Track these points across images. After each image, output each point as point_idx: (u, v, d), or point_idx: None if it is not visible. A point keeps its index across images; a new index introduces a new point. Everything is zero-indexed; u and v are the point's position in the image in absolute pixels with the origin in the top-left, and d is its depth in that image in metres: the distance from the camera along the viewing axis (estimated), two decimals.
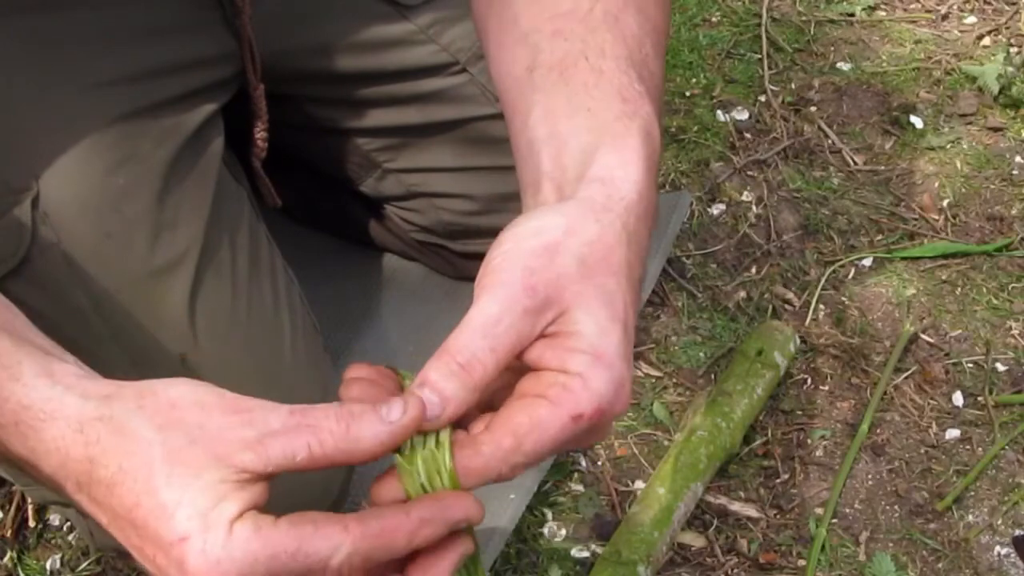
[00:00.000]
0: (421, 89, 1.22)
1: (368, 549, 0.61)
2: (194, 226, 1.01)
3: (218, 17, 1.07)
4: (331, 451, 0.62)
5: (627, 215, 0.73)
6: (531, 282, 0.67)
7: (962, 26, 1.90)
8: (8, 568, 1.25)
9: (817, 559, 1.26)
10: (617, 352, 0.67)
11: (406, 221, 1.35)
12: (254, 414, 0.63)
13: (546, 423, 0.65)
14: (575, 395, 0.65)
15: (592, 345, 0.66)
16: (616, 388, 0.66)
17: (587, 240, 0.70)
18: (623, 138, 0.75)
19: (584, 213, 0.71)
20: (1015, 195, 1.64)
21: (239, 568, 0.60)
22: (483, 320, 0.66)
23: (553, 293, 0.67)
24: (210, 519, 0.60)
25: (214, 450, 0.62)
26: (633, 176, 0.74)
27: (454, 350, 0.66)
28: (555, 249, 0.69)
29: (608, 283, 0.69)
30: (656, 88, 0.82)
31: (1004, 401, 1.41)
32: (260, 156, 1.17)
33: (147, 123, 1.00)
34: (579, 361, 0.66)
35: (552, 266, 0.68)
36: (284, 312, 1.09)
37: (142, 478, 0.62)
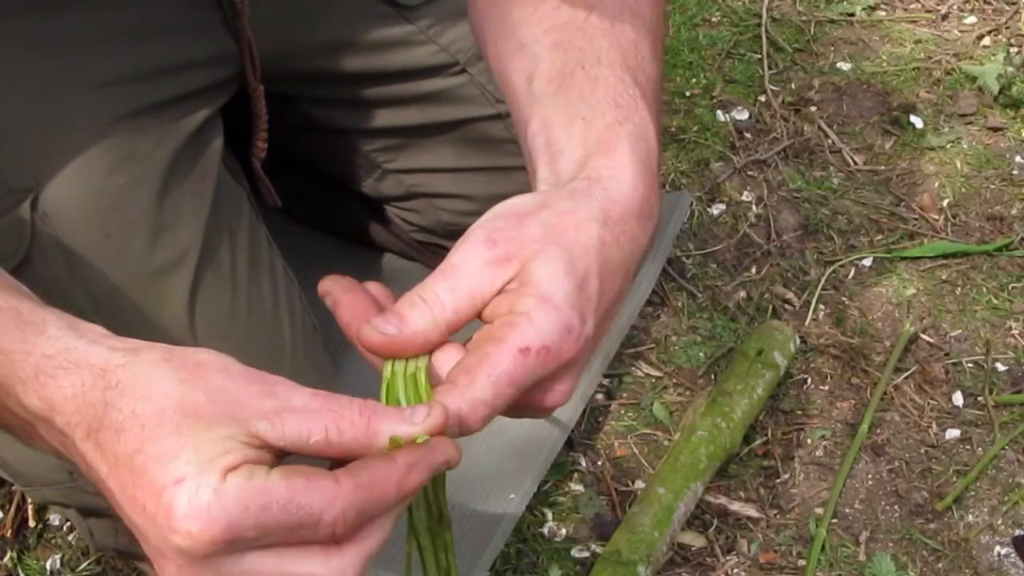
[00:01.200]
0: (421, 90, 1.22)
1: (362, 502, 0.61)
2: (194, 226, 1.01)
3: (218, 18, 1.07)
4: (348, 441, 0.63)
5: (609, 204, 0.74)
6: (492, 236, 0.70)
7: (962, 26, 1.90)
8: (8, 568, 1.25)
9: (817, 559, 1.26)
10: (565, 299, 0.69)
11: (406, 221, 1.35)
12: (277, 387, 0.64)
13: (493, 356, 0.67)
14: (519, 329, 0.67)
15: (540, 290, 0.69)
16: (562, 331, 0.68)
17: (559, 212, 0.72)
18: (612, 145, 0.77)
19: (561, 194, 0.74)
20: (1015, 195, 1.64)
21: (229, 516, 0.59)
22: (444, 267, 0.70)
23: (514, 249, 0.70)
24: (207, 465, 0.60)
25: (231, 411, 0.62)
26: (621, 175, 0.76)
27: (417, 289, 0.69)
28: (524, 216, 0.71)
29: (572, 247, 0.71)
30: (653, 91, 0.83)
31: (1004, 401, 1.41)
32: (260, 156, 1.17)
33: (147, 123, 1.00)
34: (526, 303, 0.68)
35: (517, 227, 0.71)
36: (284, 312, 1.09)
37: (152, 424, 0.61)
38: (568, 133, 0.79)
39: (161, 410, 0.62)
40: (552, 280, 0.69)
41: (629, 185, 0.76)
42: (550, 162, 0.79)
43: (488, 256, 0.70)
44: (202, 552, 0.59)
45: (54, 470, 1.07)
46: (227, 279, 1.03)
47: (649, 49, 0.85)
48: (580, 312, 0.70)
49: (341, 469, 0.62)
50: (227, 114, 1.12)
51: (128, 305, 0.98)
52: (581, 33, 0.83)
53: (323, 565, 0.61)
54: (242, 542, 0.60)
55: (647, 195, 0.77)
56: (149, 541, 0.62)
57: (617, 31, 0.83)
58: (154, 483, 0.60)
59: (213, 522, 0.59)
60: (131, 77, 1.00)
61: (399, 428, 0.63)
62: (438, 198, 1.29)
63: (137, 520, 0.62)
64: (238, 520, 0.59)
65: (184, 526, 0.59)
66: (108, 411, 0.63)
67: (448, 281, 0.69)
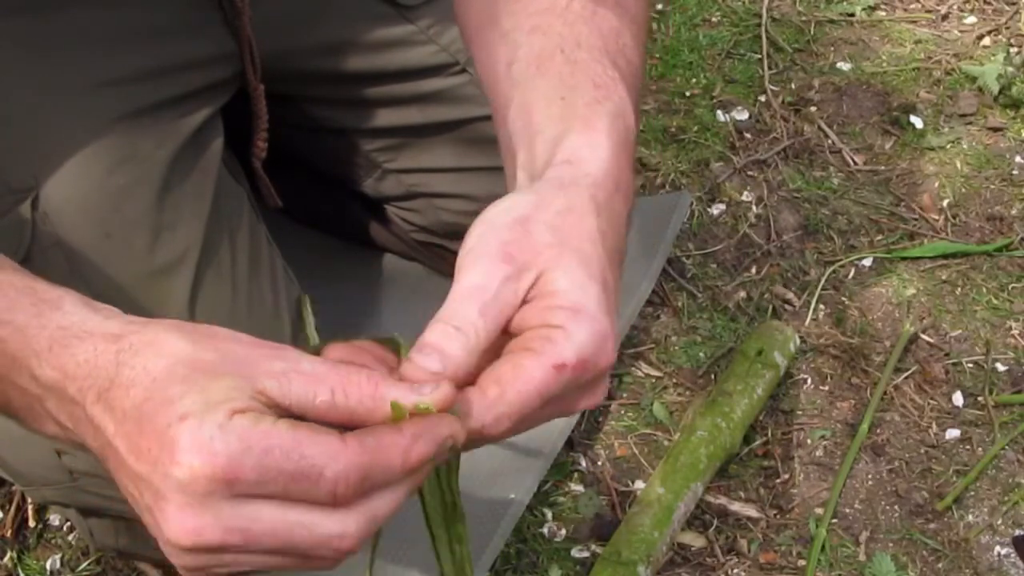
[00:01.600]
0: (421, 89, 1.22)
1: (366, 464, 0.60)
2: (194, 226, 1.01)
3: (218, 18, 1.07)
4: (354, 403, 0.62)
5: (594, 189, 0.74)
6: (508, 251, 0.69)
7: (962, 26, 1.90)
8: (8, 568, 1.25)
9: (817, 559, 1.26)
10: (598, 306, 0.68)
11: (406, 221, 1.35)
12: (287, 352, 0.64)
13: (529, 371, 0.66)
14: (557, 345, 0.66)
15: (571, 301, 0.68)
16: (599, 340, 0.68)
17: (557, 211, 0.72)
18: (590, 121, 0.77)
19: (550, 189, 0.73)
20: (1015, 195, 1.64)
21: (230, 452, 0.59)
22: (468, 290, 0.68)
23: (530, 258, 0.69)
24: (213, 405, 0.60)
25: (239, 368, 0.62)
26: (600, 155, 0.76)
27: (447, 317, 0.67)
28: (527, 221, 0.71)
29: (583, 246, 0.71)
30: (634, 76, 0.84)
31: (1004, 401, 1.41)
32: (260, 156, 1.17)
33: (147, 123, 1.00)
34: (560, 316, 0.67)
35: (526, 236, 0.70)
36: (284, 312, 1.09)
37: (162, 376, 0.62)
38: (547, 114, 0.79)
39: (172, 363, 0.62)
40: (579, 289, 0.69)
41: (608, 163, 0.76)
42: (528, 143, 0.79)
43: (508, 272, 0.69)
44: (202, 488, 0.59)
45: (54, 470, 1.07)
46: (227, 279, 1.03)
47: (631, 37, 0.85)
48: (609, 315, 0.69)
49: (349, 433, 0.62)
50: (227, 114, 1.12)
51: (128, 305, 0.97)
52: (561, 20, 0.83)
53: (326, 518, 0.61)
54: (242, 484, 0.59)
55: (624, 172, 0.77)
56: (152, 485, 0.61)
57: (599, 18, 0.84)
58: (159, 424, 0.60)
59: (214, 456, 0.59)
60: (131, 77, 1.00)
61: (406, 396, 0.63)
62: (438, 198, 1.29)
63: (140, 468, 0.62)
64: (239, 458, 0.59)
65: (185, 459, 0.59)
66: (120, 370, 0.63)
67: (476, 304, 0.67)
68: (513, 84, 0.82)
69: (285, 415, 0.62)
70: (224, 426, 0.59)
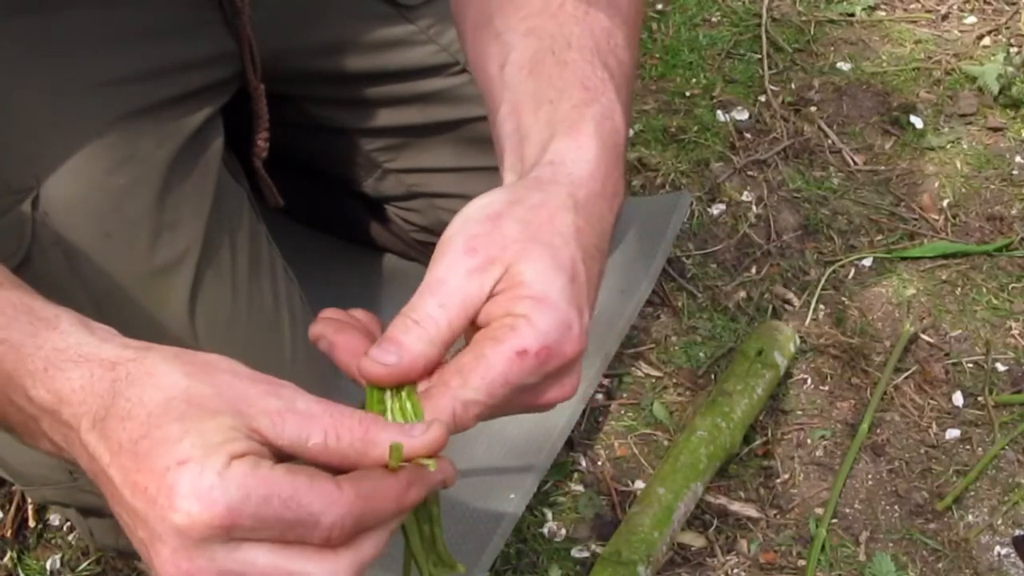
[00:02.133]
0: (421, 89, 1.22)
1: (361, 510, 0.61)
2: (194, 226, 1.01)
3: (218, 18, 1.07)
4: (345, 447, 0.63)
5: (575, 188, 0.75)
6: (472, 244, 0.70)
7: (962, 26, 1.90)
8: (8, 568, 1.25)
9: (817, 559, 1.26)
10: (561, 296, 0.69)
11: (406, 221, 1.35)
12: (283, 390, 0.64)
13: (490, 358, 0.67)
14: (518, 332, 0.68)
15: (536, 291, 0.69)
16: (561, 328, 0.69)
17: (530, 206, 0.72)
18: (577, 125, 0.78)
19: (528, 186, 0.74)
20: (1015, 195, 1.64)
21: (229, 500, 0.59)
22: (430, 283, 0.70)
23: (495, 252, 0.70)
24: (213, 449, 0.60)
25: (235, 405, 0.62)
26: (585, 156, 0.77)
27: (407, 311, 0.69)
28: (498, 217, 0.72)
29: (552, 240, 0.71)
30: (624, 76, 0.84)
31: (1004, 401, 1.41)
32: (261, 156, 1.17)
33: (147, 123, 1.00)
34: (524, 305, 0.69)
35: (495, 230, 0.71)
36: (284, 312, 1.09)
37: (157, 412, 0.62)
38: (535, 118, 0.80)
39: (168, 399, 0.62)
40: (543, 279, 0.70)
41: (592, 164, 0.76)
42: (517, 147, 0.80)
43: (471, 264, 0.70)
44: (199, 534, 0.60)
45: (54, 470, 1.07)
46: (227, 279, 1.03)
47: (623, 37, 0.86)
48: (577, 306, 0.70)
49: (344, 476, 0.62)
50: (227, 114, 1.12)
51: (129, 304, 0.98)
52: (554, 20, 0.84)
53: (317, 565, 0.62)
54: (239, 530, 0.60)
55: (610, 173, 0.78)
56: (148, 524, 0.62)
57: (591, 19, 0.84)
58: (157, 465, 0.61)
59: (213, 504, 0.59)
60: (132, 77, 1.00)
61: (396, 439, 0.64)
62: (438, 198, 1.29)
63: (137, 504, 0.62)
64: (238, 506, 0.59)
65: (184, 506, 0.59)
66: (116, 400, 0.63)
67: (436, 297, 0.69)
68: (504, 86, 0.83)
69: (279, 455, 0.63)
70: (223, 474, 0.60)
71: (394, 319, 0.70)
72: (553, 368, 0.69)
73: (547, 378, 0.70)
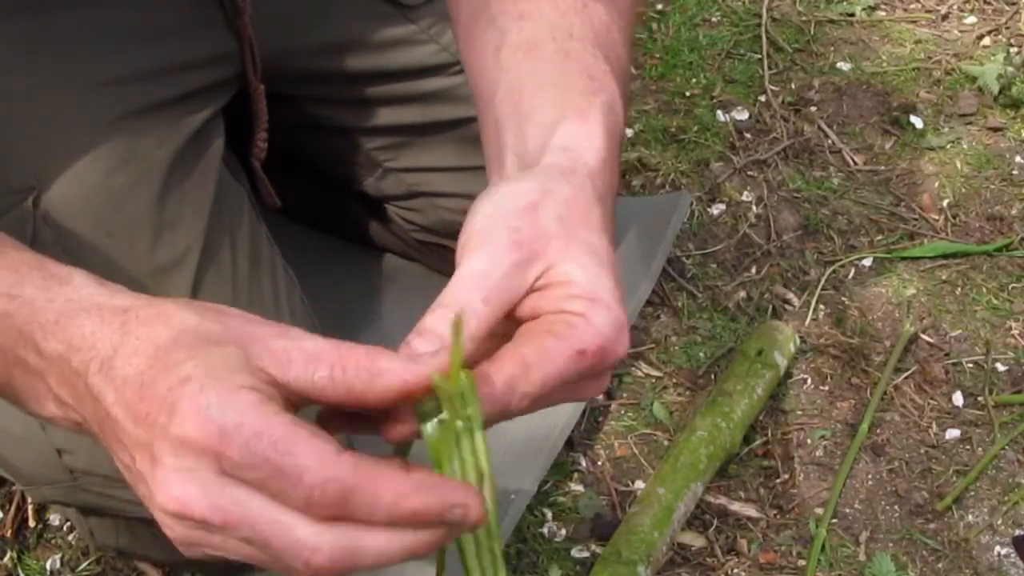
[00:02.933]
0: (422, 88, 1.22)
1: (351, 486, 0.59)
2: (195, 226, 1.01)
3: (219, 17, 1.07)
4: (351, 377, 0.61)
5: (593, 179, 0.75)
6: (516, 238, 0.69)
7: (962, 26, 1.90)
8: (8, 568, 1.25)
9: (817, 559, 1.26)
10: (612, 296, 0.69)
11: (407, 221, 1.35)
12: (291, 331, 0.64)
13: (552, 354, 0.66)
14: (579, 331, 0.67)
15: (587, 290, 0.68)
16: (617, 329, 0.68)
17: (563, 199, 0.71)
18: (586, 111, 0.77)
19: (554, 176, 0.73)
20: (1015, 195, 1.64)
21: (221, 423, 0.58)
22: (473, 275, 0.68)
23: (539, 248, 0.69)
24: (218, 374, 0.60)
25: (243, 342, 0.62)
26: (596, 145, 0.76)
27: (447, 302, 0.67)
28: (535, 209, 0.70)
29: (590, 237, 0.71)
30: (622, 71, 0.84)
31: (1004, 401, 1.41)
32: (260, 157, 1.17)
33: (148, 123, 1.00)
34: (579, 304, 0.68)
35: (535, 224, 0.70)
36: (284, 312, 1.09)
37: (165, 345, 0.62)
38: (538, 98, 0.79)
39: (177, 334, 0.62)
40: (591, 278, 0.69)
41: (602, 155, 0.76)
42: (517, 126, 0.78)
43: (516, 259, 0.68)
44: (192, 454, 0.59)
45: (55, 469, 1.07)
46: (228, 278, 1.04)
47: (619, 32, 0.85)
48: (622, 303, 0.70)
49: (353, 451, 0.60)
50: (227, 114, 1.12)
51: None
52: (554, 7, 0.83)
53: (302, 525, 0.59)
54: (227, 461, 0.59)
55: (615, 168, 0.78)
56: (147, 451, 0.61)
57: (590, 11, 0.84)
58: (160, 389, 0.60)
59: (207, 423, 0.58)
60: (133, 77, 1.00)
61: (401, 365, 0.62)
62: (439, 197, 1.29)
63: (139, 433, 0.61)
64: (230, 433, 0.58)
65: (179, 420, 0.59)
66: (125, 339, 0.63)
67: (480, 291, 0.67)
68: (501, 69, 0.82)
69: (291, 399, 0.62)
70: (223, 396, 0.59)
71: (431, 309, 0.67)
72: (602, 368, 0.69)
73: (591, 376, 0.69)
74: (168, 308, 0.64)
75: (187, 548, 0.63)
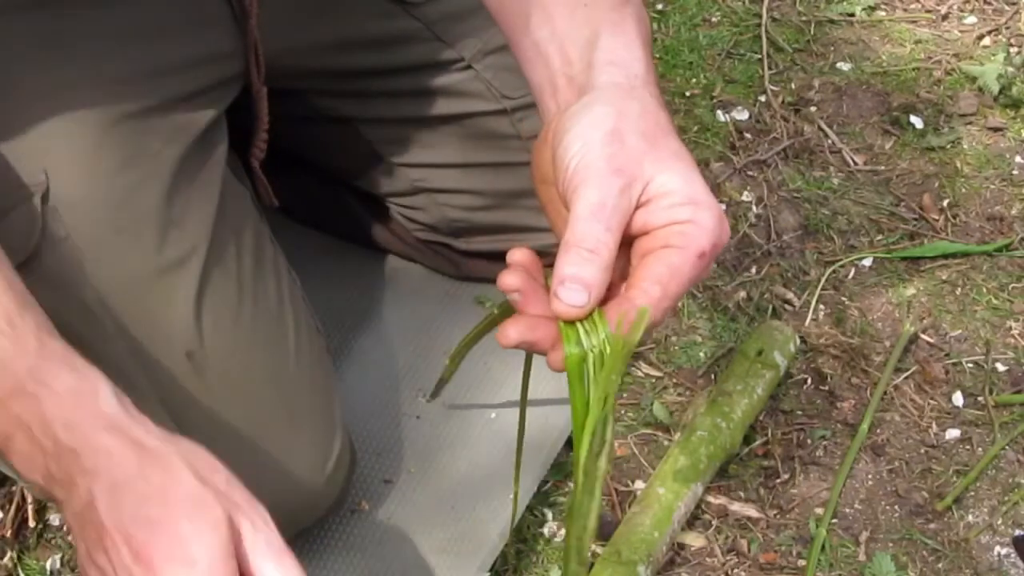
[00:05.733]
0: (426, 84, 1.22)
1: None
2: (202, 224, 1.01)
3: (226, 12, 1.07)
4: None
5: (648, 89, 0.81)
6: (615, 165, 0.75)
7: (962, 26, 1.90)
8: (8, 568, 1.25)
9: (817, 559, 1.26)
10: (707, 193, 0.76)
11: (410, 219, 1.35)
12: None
13: (680, 266, 0.74)
14: (694, 237, 0.74)
15: (687, 196, 0.75)
16: (721, 222, 0.76)
17: (637, 116, 0.78)
18: (620, 25, 0.83)
19: (620, 95, 0.79)
20: (1015, 195, 1.64)
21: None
22: (591, 208, 0.74)
23: (636, 169, 0.75)
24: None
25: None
26: (637, 55, 0.82)
27: (578, 240, 0.74)
28: (619, 133, 0.76)
29: (670, 143, 0.78)
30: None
31: (1004, 401, 1.41)
32: (259, 157, 1.17)
33: (157, 121, 1.01)
34: (684, 211, 0.75)
35: (625, 148, 0.76)
36: (288, 311, 1.09)
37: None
38: (571, 20, 0.84)
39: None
40: (687, 183, 0.76)
41: (644, 64, 0.82)
42: (561, 50, 0.84)
43: (621, 184, 0.74)
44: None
45: None
46: (233, 277, 1.04)
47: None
48: (714, 196, 0.77)
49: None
50: (228, 113, 1.12)
51: (135, 301, 0.98)
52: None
53: None
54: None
55: (655, 74, 0.84)
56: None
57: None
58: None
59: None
60: (141, 74, 1.01)
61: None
62: (442, 193, 1.29)
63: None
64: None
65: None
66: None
67: (602, 222, 0.74)
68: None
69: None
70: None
71: (563, 251, 0.74)
72: (713, 259, 0.77)
73: (706, 269, 0.77)
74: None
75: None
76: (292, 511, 1.12)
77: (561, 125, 0.79)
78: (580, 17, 0.84)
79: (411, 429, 1.31)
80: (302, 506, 1.13)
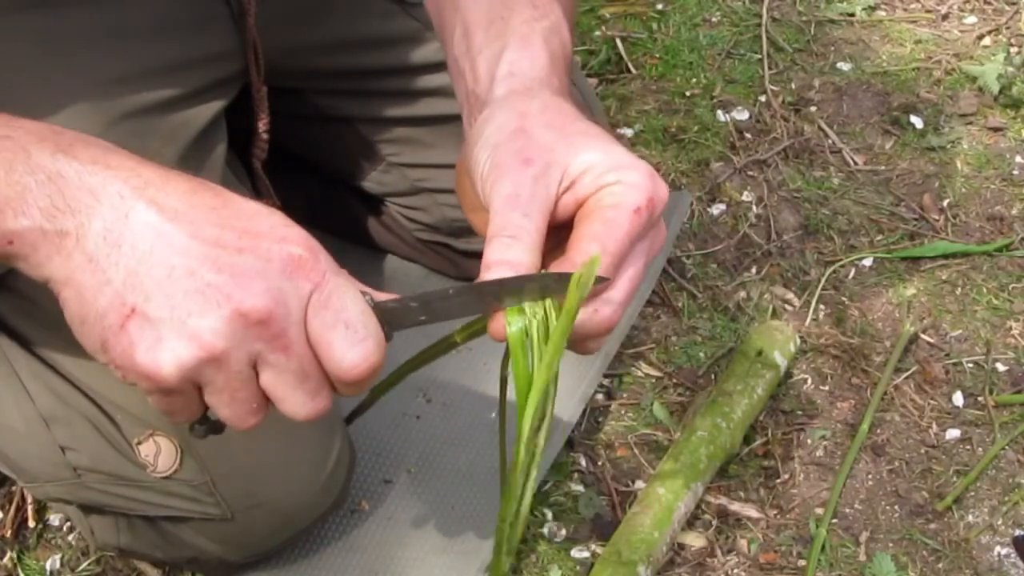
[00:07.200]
0: (426, 84, 1.23)
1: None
2: None
3: (225, 14, 1.07)
4: None
5: (546, 86, 0.82)
6: (524, 156, 0.75)
7: (962, 26, 1.90)
8: (8, 568, 1.25)
9: (817, 559, 1.26)
10: (631, 157, 0.76)
11: (410, 219, 1.35)
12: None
13: (615, 219, 0.74)
14: (624, 194, 0.74)
15: (609, 165, 0.75)
16: (651, 177, 0.75)
17: (539, 112, 0.78)
18: (528, 38, 0.84)
19: (519, 100, 0.80)
20: (1015, 195, 1.64)
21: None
22: (505, 200, 0.75)
23: (548, 156, 0.76)
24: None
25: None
26: (539, 64, 0.84)
27: (498, 230, 0.74)
28: (524, 129, 0.77)
29: (579, 126, 0.78)
30: (569, 4, 0.91)
31: (1004, 401, 1.41)
32: (261, 158, 1.17)
33: (155, 120, 1.01)
34: (610, 176, 0.75)
35: (532, 140, 0.76)
36: None
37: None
38: (487, 34, 0.85)
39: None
40: (608, 155, 0.76)
41: (546, 71, 0.83)
42: (472, 66, 0.85)
43: (534, 172, 0.75)
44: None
45: (59, 467, 1.07)
46: None
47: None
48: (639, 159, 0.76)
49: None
50: (228, 114, 1.12)
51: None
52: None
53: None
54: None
55: (563, 80, 0.85)
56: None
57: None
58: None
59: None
60: (139, 74, 1.01)
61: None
62: (442, 193, 1.30)
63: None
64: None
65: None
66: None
67: (517, 210, 0.74)
68: (456, 8, 0.88)
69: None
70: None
71: (487, 245, 0.74)
72: (656, 216, 0.76)
73: (652, 227, 0.76)
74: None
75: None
76: (292, 511, 1.12)
77: (469, 144, 0.80)
78: (493, 31, 0.85)
79: (411, 429, 1.31)
80: (302, 505, 1.13)
